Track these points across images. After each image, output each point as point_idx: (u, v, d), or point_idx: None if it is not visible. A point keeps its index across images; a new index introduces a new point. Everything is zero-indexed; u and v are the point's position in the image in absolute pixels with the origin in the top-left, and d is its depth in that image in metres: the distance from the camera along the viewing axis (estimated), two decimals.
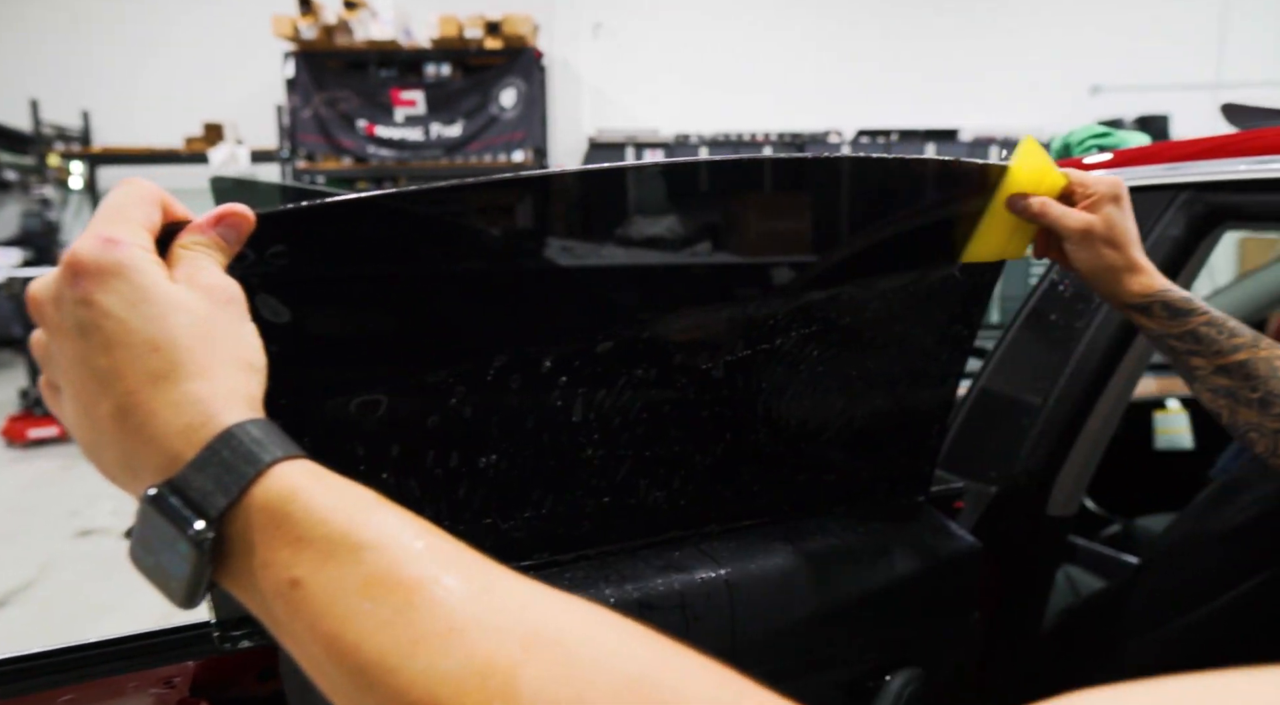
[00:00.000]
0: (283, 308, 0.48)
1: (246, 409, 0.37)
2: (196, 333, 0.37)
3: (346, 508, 0.34)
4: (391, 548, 0.33)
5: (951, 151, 7.35)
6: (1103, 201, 0.76)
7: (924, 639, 0.95)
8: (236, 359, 0.38)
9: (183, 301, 0.38)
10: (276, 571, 0.34)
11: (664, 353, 0.73)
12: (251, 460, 0.35)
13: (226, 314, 0.39)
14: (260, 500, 0.35)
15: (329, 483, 0.36)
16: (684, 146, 7.36)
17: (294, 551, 0.33)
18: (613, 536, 0.77)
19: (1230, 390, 0.74)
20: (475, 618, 0.31)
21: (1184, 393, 2.32)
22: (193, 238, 0.41)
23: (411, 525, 0.35)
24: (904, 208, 0.82)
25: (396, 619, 0.31)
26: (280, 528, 0.34)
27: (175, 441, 0.36)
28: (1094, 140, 1.32)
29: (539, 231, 0.63)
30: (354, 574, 0.33)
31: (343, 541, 0.33)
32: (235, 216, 0.42)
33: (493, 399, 0.64)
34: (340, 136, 7.08)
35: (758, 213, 0.79)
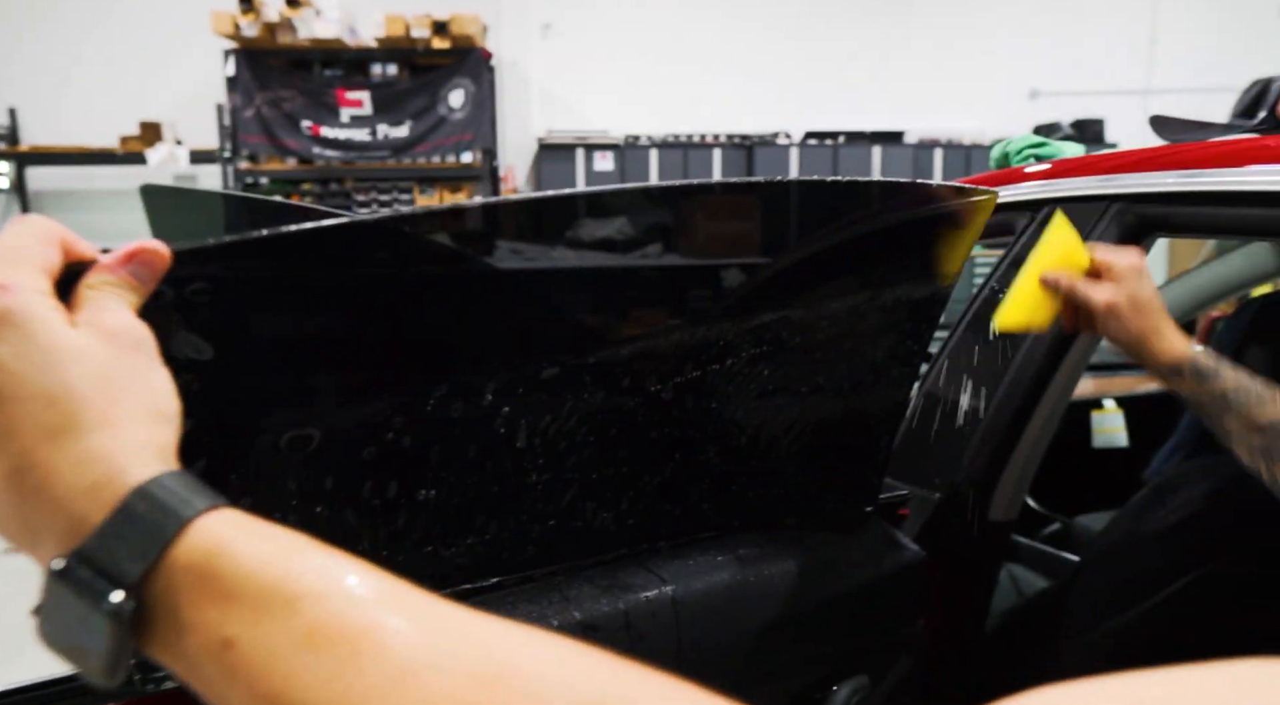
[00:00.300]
0: (205, 345, 0.46)
1: (158, 461, 0.35)
2: (98, 382, 0.35)
3: (277, 557, 0.32)
4: (330, 594, 0.32)
5: (897, 153, 7.47)
6: (1125, 277, 0.82)
7: (871, 648, 0.96)
8: (144, 408, 0.36)
9: (82, 349, 0.35)
10: (206, 633, 0.31)
11: (611, 377, 0.73)
12: (169, 516, 0.33)
13: (132, 360, 0.37)
14: (182, 559, 0.32)
15: (256, 531, 0.33)
16: (634, 148, 7.35)
17: (224, 609, 0.31)
18: (558, 558, 0.77)
19: (1265, 447, 0.76)
20: (427, 659, 0.30)
21: (1119, 392, 2.39)
22: (101, 278, 0.38)
23: (349, 568, 0.33)
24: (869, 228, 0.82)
25: (343, 670, 0.30)
26: (207, 586, 0.32)
27: (80, 503, 0.33)
28: (1031, 150, 1.35)
29: (477, 260, 0.61)
30: (292, 627, 0.31)
31: (276, 593, 0.31)
32: (148, 254, 0.39)
33: (433, 429, 0.63)
34: (284, 137, 6.93)
35: (706, 230, 0.79)
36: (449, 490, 0.66)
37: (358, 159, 7.01)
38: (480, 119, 6.99)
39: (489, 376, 0.65)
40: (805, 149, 7.45)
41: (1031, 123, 7.40)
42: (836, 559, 0.92)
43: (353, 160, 7.01)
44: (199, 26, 6.72)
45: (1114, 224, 1.13)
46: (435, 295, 0.62)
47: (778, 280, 0.82)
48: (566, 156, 7.33)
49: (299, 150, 6.96)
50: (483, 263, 0.63)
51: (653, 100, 7.65)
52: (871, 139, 7.50)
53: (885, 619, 0.97)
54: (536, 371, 0.67)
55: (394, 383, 0.61)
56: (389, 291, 0.58)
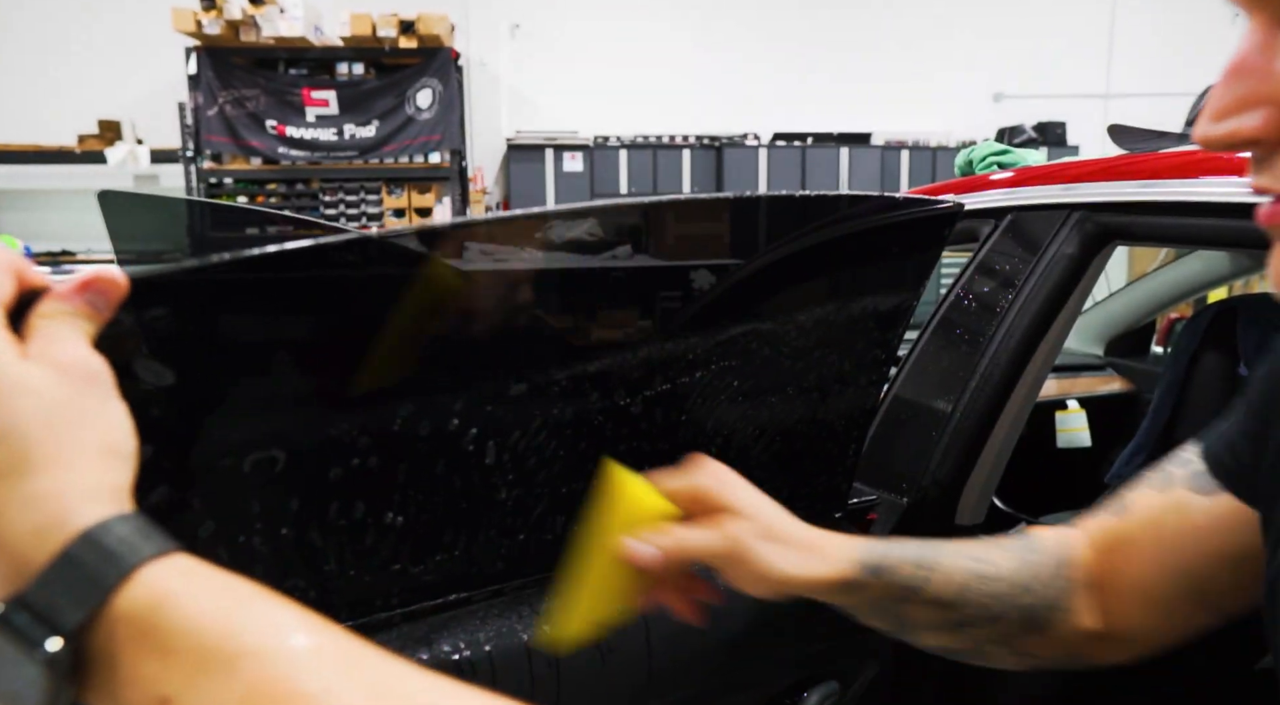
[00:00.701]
0: (165, 371, 0.45)
1: (109, 503, 0.33)
2: (49, 419, 0.33)
3: (221, 612, 0.31)
4: (272, 655, 0.31)
5: (864, 155, 7.54)
6: (716, 500, 0.60)
7: (840, 654, 0.97)
8: (97, 445, 0.35)
9: (32, 383, 0.34)
10: (144, 688, 0.30)
11: (579, 391, 0.72)
12: (113, 563, 0.32)
13: (86, 394, 0.35)
14: (124, 609, 0.31)
15: (203, 582, 0.32)
16: (603, 148, 7.35)
17: (163, 665, 0.30)
18: (528, 572, 0.76)
19: (955, 621, 0.65)
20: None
21: (1082, 392, 2.44)
22: (55, 306, 0.37)
23: (294, 624, 0.32)
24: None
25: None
26: (146, 639, 0.31)
27: (24, 546, 0.32)
28: (995, 158, 1.37)
29: (440, 278, 0.61)
30: (232, 687, 0.30)
31: (216, 651, 0.30)
32: (104, 283, 0.38)
33: (400, 447, 0.62)
34: (249, 137, 6.83)
35: (673, 238, 0.79)
36: (417, 507, 0.66)
37: (324, 159, 6.93)
38: (448, 119, 6.94)
39: (455, 393, 0.65)
40: (773, 150, 7.49)
41: (995, 125, 7.51)
42: None
43: (319, 161, 6.93)
44: (160, 23, 6.60)
45: (1075, 232, 1.15)
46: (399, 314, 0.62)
47: (745, 290, 0.82)
48: (536, 157, 7.31)
49: (264, 150, 6.86)
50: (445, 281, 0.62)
51: (622, 101, 7.64)
52: (839, 141, 7.56)
53: (854, 625, 0.97)
54: (504, 387, 0.67)
55: (359, 402, 0.61)
56: (352, 311, 0.58)
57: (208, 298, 0.48)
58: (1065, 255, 1.15)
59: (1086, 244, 1.14)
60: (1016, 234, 1.23)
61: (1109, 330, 2.66)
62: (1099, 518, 0.68)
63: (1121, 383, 2.51)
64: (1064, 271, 1.15)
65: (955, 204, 0.92)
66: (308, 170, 6.97)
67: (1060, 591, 0.65)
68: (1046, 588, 0.65)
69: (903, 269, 0.97)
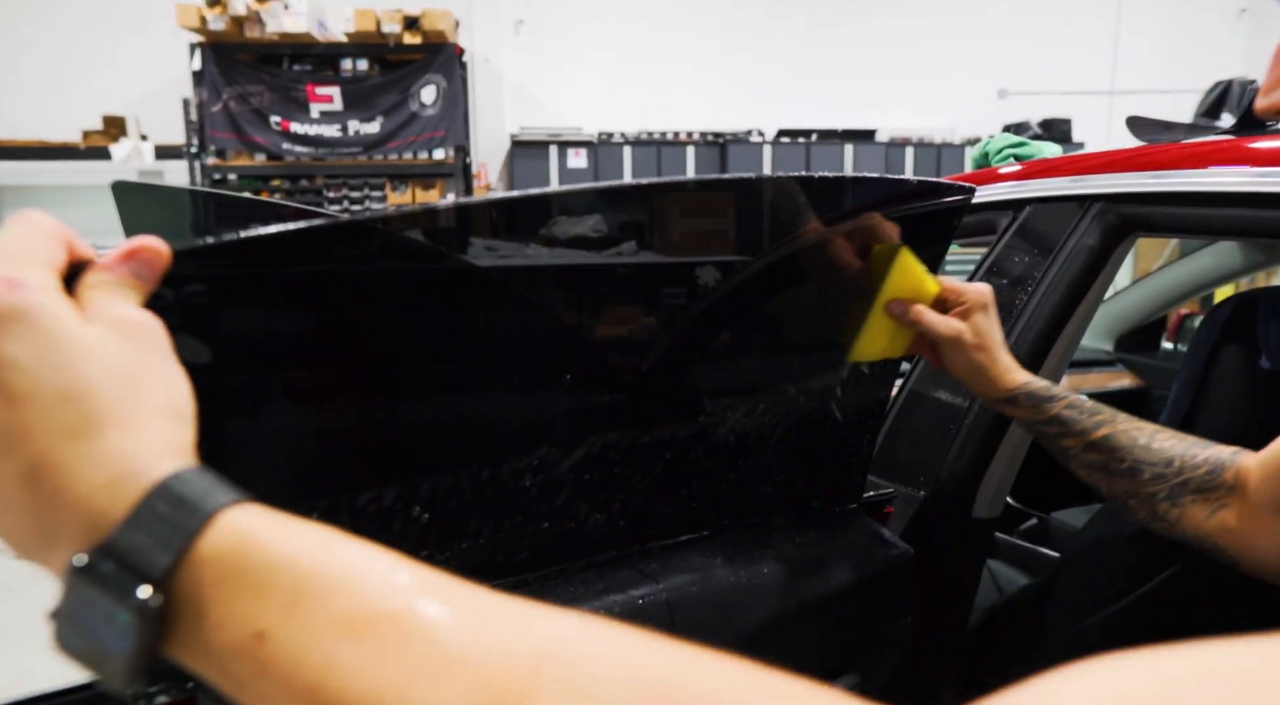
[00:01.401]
0: (202, 347, 0.44)
1: (178, 458, 0.34)
2: (115, 379, 0.34)
3: (309, 547, 0.31)
4: (366, 582, 0.31)
5: (868, 151, 7.53)
6: (972, 310, 0.83)
7: (860, 646, 0.96)
8: (162, 406, 0.35)
9: (97, 346, 0.34)
10: (236, 627, 0.30)
11: (602, 381, 0.72)
12: (194, 510, 0.32)
13: (148, 356, 0.35)
14: (209, 552, 0.31)
15: (284, 525, 0.32)
16: (607, 145, 7.34)
17: (256, 602, 0.30)
18: (552, 560, 0.76)
19: (1101, 464, 0.79)
20: (473, 642, 0.29)
21: (1092, 388, 2.43)
22: (101, 276, 0.37)
23: (383, 558, 0.32)
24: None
25: (385, 656, 0.29)
26: (236, 579, 0.31)
27: (100, 500, 0.32)
28: (1011, 150, 1.36)
29: (466, 260, 0.61)
30: (328, 615, 0.30)
31: (310, 582, 0.30)
32: (148, 252, 0.38)
33: (429, 431, 0.62)
34: (253, 133, 6.83)
35: (682, 229, 0.78)
36: (444, 496, 0.65)
37: (328, 155, 6.93)
38: (452, 115, 6.93)
39: (486, 377, 0.65)
40: (778, 146, 7.48)
41: (1001, 122, 7.50)
42: (826, 558, 0.93)
43: (323, 157, 6.93)
44: (164, 19, 6.60)
45: (1095, 223, 1.15)
46: (429, 292, 0.61)
47: (760, 279, 0.82)
48: (540, 153, 7.30)
49: (268, 146, 6.86)
50: (473, 263, 0.62)
51: (626, 97, 7.64)
52: (843, 137, 7.55)
53: (874, 615, 0.97)
54: (530, 377, 0.67)
55: (389, 383, 0.60)
56: (388, 290, 0.57)
57: (247, 272, 0.48)
58: (1085, 247, 1.14)
59: (1107, 235, 1.13)
60: (1034, 226, 1.23)
61: (1119, 326, 2.65)
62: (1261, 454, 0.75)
63: (1131, 378, 2.50)
64: (1084, 263, 1.14)
65: (967, 189, 0.91)
66: (312, 166, 6.96)
67: (1209, 483, 0.75)
68: (1198, 473, 0.75)
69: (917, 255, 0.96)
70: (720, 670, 0.29)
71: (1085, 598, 1.25)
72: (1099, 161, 1.20)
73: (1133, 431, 0.79)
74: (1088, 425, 0.80)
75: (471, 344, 0.66)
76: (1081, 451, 0.80)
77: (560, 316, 0.72)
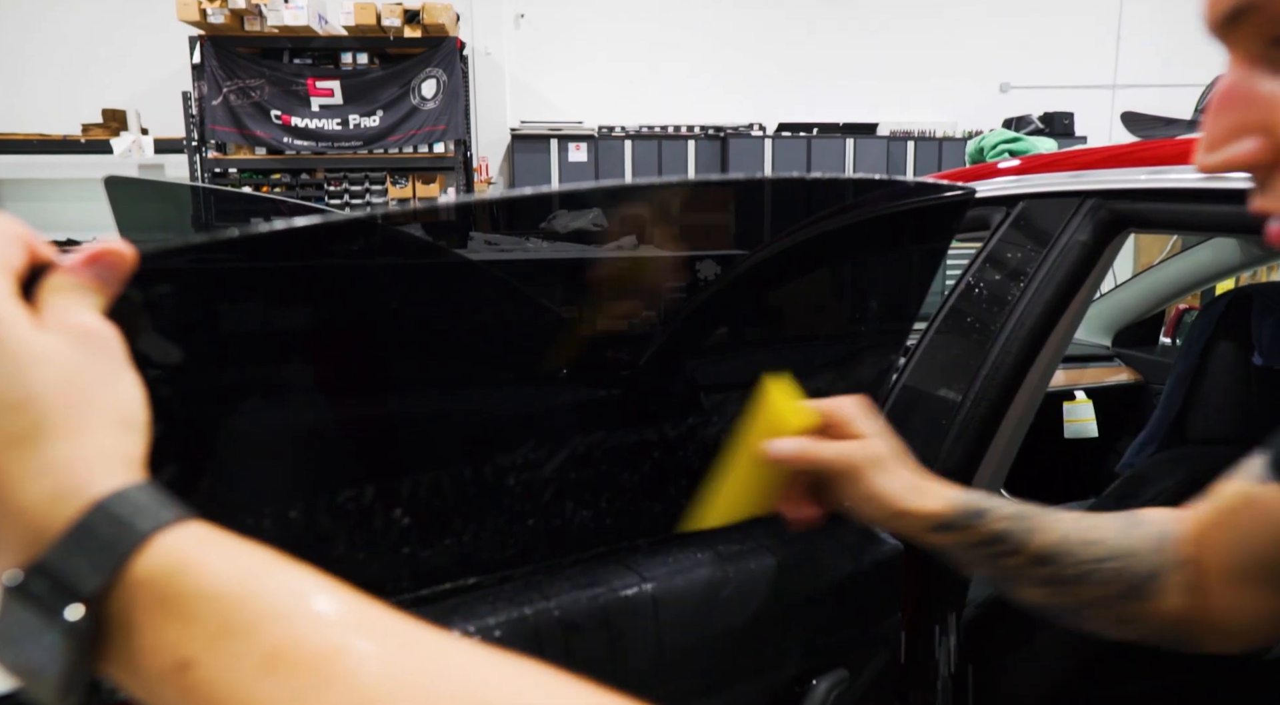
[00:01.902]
0: (173, 348, 0.44)
1: (124, 472, 0.33)
2: (64, 387, 0.33)
3: (242, 575, 0.31)
4: (295, 616, 0.30)
5: (870, 145, 7.51)
6: (854, 423, 0.70)
7: (850, 642, 0.96)
8: (112, 415, 0.34)
9: (48, 352, 0.34)
10: (164, 653, 0.30)
11: (589, 374, 0.72)
12: (129, 531, 0.31)
13: (100, 364, 0.35)
14: (142, 575, 0.31)
15: (222, 548, 0.32)
16: (608, 139, 7.33)
17: (183, 629, 0.30)
18: (538, 556, 0.76)
19: (1052, 576, 0.69)
20: (396, 685, 0.29)
21: (1090, 383, 2.43)
22: (63, 279, 0.37)
23: (318, 588, 0.32)
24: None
25: (306, 695, 0.29)
26: (166, 604, 0.30)
27: (40, 515, 0.32)
28: (1006, 145, 1.36)
29: (449, 254, 0.60)
30: (254, 649, 0.29)
31: (239, 613, 0.30)
32: (112, 255, 0.38)
33: (411, 428, 0.62)
34: (253, 127, 6.82)
35: (680, 223, 0.78)
36: (426, 491, 0.65)
37: (329, 149, 6.92)
38: (453, 109, 6.92)
39: (468, 373, 0.64)
40: (779, 141, 7.47)
41: (1002, 116, 7.48)
42: (815, 554, 0.92)
43: (324, 151, 6.92)
44: (164, 12, 6.59)
45: (1088, 220, 1.14)
46: (407, 290, 0.61)
47: (753, 275, 0.82)
48: (540, 147, 7.29)
49: (269, 140, 6.86)
50: (455, 257, 0.62)
51: (627, 91, 7.62)
52: (844, 131, 7.53)
53: (864, 612, 0.97)
54: (516, 370, 0.66)
55: (370, 381, 0.60)
56: (363, 289, 0.57)
57: (215, 273, 0.48)
58: (1078, 243, 1.14)
59: (1100, 231, 1.13)
60: (1028, 222, 1.22)
61: (1117, 321, 2.64)
62: (1196, 506, 0.69)
63: (1129, 373, 2.50)
64: (1077, 259, 1.14)
65: (967, 189, 0.91)
66: (312, 160, 6.96)
67: (1159, 564, 0.67)
68: (1147, 557, 0.67)
69: (913, 255, 0.96)
70: None
71: None
72: (1094, 157, 1.19)
73: (1073, 529, 0.70)
74: (1027, 535, 0.69)
75: (453, 339, 0.66)
76: (1027, 567, 0.69)
77: (550, 311, 0.72)
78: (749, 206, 0.81)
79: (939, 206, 0.89)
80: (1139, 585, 0.67)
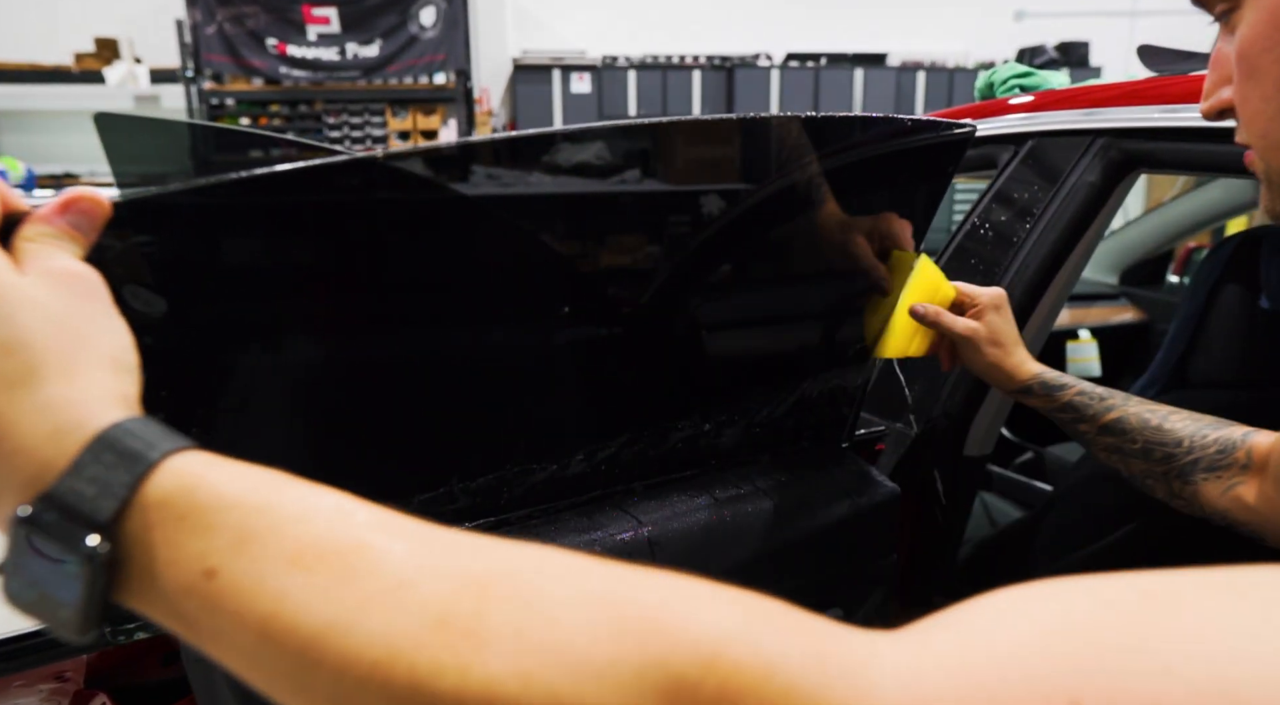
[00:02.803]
0: (155, 298, 0.44)
1: (123, 409, 0.33)
2: (55, 330, 0.33)
3: (257, 487, 0.32)
4: (316, 518, 0.31)
5: (879, 76, 7.34)
6: (985, 311, 0.89)
7: (845, 582, 0.98)
8: (104, 357, 0.34)
9: (36, 297, 0.33)
10: (186, 566, 0.30)
11: (586, 315, 0.71)
12: (139, 457, 0.31)
13: (88, 307, 0.35)
14: (156, 496, 0.31)
15: (230, 467, 0.32)
16: (612, 69, 7.16)
17: (205, 541, 0.30)
18: (534, 501, 0.76)
19: (1115, 446, 0.84)
20: (423, 568, 0.30)
21: (1095, 322, 2.41)
22: (38, 229, 0.36)
23: (331, 496, 0.32)
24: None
25: (337, 584, 0.29)
26: (185, 519, 0.31)
27: (44, 450, 0.32)
28: (1016, 80, 1.32)
29: (446, 189, 0.59)
30: (280, 548, 0.30)
31: (260, 519, 0.30)
32: (85, 202, 0.37)
33: (403, 373, 0.61)
34: (249, 56, 6.67)
35: (685, 159, 0.77)
36: (421, 437, 0.65)
37: (326, 79, 6.78)
38: (453, 38, 6.75)
39: (461, 312, 0.64)
40: (786, 71, 7.29)
41: (1016, 45, 7.27)
42: (812, 496, 0.93)
43: (321, 81, 6.78)
44: None
45: (1098, 160, 1.12)
46: (397, 228, 0.60)
47: (755, 213, 0.80)
48: (543, 78, 7.13)
49: (265, 70, 6.71)
50: (450, 190, 0.60)
51: (631, 20, 7.42)
52: (853, 61, 7.35)
53: (859, 553, 0.98)
54: (512, 310, 0.66)
55: (360, 328, 0.59)
56: (349, 227, 0.56)
57: (195, 221, 0.47)
58: (1087, 183, 1.12)
59: (1109, 171, 1.11)
60: (1037, 161, 1.19)
61: (1125, 258, 2.62)
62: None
63: (1135, 312, 2.48)
64: (1085, 200, 1.12)
65: (968, 128, 0.88)
66: (310, 91, 6.82)
67: (1219, 461, 0.77)
68: (1209, 455, 0.78)
69: (912, 195, 0.94)
70: (667, 583, 0.30)
71: (1076, 532, 1.26)
72: (1107, 94, 1.16)
73: (1144, 414, 0.83)
74: (1099, 410, 0.84)
75: (458, 277, 0.65)
76: (1096, 435, 0.84)
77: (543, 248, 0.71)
78: (750, 144, 0.79)
79: (938, 145, 0.87)
80: (1191, 474, 0.78)
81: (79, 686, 0.65)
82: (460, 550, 0.31)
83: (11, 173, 4.25)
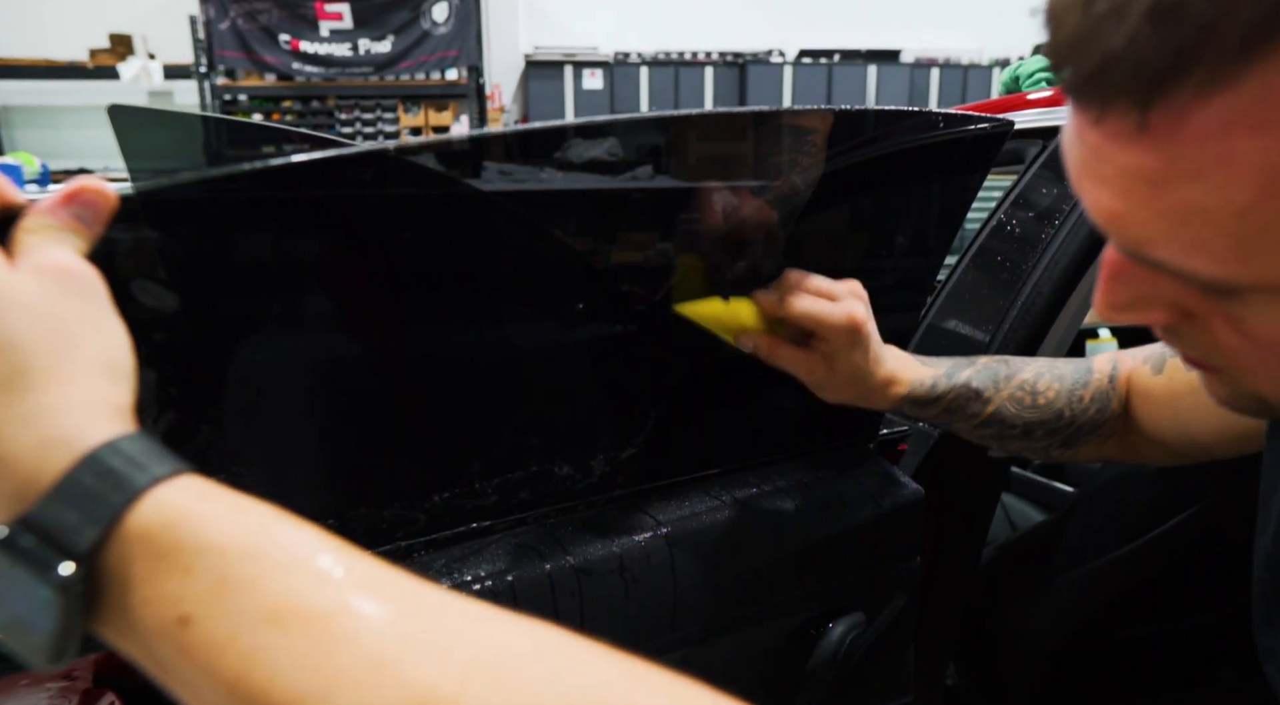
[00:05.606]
0: (166, 293, 0.42)
1: (113, 421, 0.31)
2: (46, 331, 0.31)
3: (241, 529, 0.30)
4: (299, 571, 0.29)
5: (893, 73, 7.29)
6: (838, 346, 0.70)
7: (867, 585, 0.95)
8: (98, 361, 0.32)
9: (26, 295, 0.32)
10: (161, 608, 0.29)
11: (605, 313, 0.69)
12: (123, 485, 0.30)
13: (83, 307, 0.33)
14: (138, 529, 0.29)
15: (220, 501, 0.30)
16: (624, 66, 7.14)
17: (181, 584, 0.28)
18: (552, 502, 0.74)
19: (996, 435, 0.81)
20: (405, 644, 0.28)
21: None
22: (39, 220, 0.34)
23: (320, 544, 0.30)
24: None
25: (312, 653, 0.27)
26: (163, 559, 0.29)
27: (27, 464, 0.30)
28: (1043, 74, 1.29)
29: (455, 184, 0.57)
30: (256, 603, 0.28)
31: (239, 567, 0.29)
32: (90, 194, 0.35)
33: (417, 372, 0.59)
34: (262, 52, 6.68)
35: (701, 155, 0.74)
36: (437, 435, 0.64)
37: (339, 75, 6.79)
38: (465, 34, 6.75)
39: (474, 311, 0.62)
40: (799, 68, 7.26)
41: (1032, 42, 7.21)
42: (834, 498, 0.91)
43: (334, 77, 6.79)
44: None
45: None
46: (409, 224, 0.58)
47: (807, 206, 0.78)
48: (555, 74, 7.12)
49: (278, 66, 6.73)
50: (462, 186, 0.58)
51: (643, 16, 7.39)
52: (867, 58, 7.31)
53: (882, 556, 0.96)
54: (527, 309, 0.64)
55: (372, 324, 0.58)
56: (358, 221, 0.54)
57: (212, 215, 0.45)
58: None
59: None
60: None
61: None
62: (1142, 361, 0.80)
63: None
64: None
65: (1005, 121, 0.86)
66: (323, 87, 6.83)
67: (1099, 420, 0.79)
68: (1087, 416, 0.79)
69: (944, 192, 0.92)
70: (665, 690, 0.28)
71: (1101, 536, 1.23)
72: None
73: (1017, 395, 0.79)
74: (974, 410, 0.79)
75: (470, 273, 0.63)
76: (974, 430, 0.81)
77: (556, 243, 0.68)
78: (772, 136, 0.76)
79: (973, 139, 0.85)
80: (1074, 441, 0.80)
81: (87, 685, 0.63)
82: (448, 623, 0.29)
83: (26, 168, 4.26)
